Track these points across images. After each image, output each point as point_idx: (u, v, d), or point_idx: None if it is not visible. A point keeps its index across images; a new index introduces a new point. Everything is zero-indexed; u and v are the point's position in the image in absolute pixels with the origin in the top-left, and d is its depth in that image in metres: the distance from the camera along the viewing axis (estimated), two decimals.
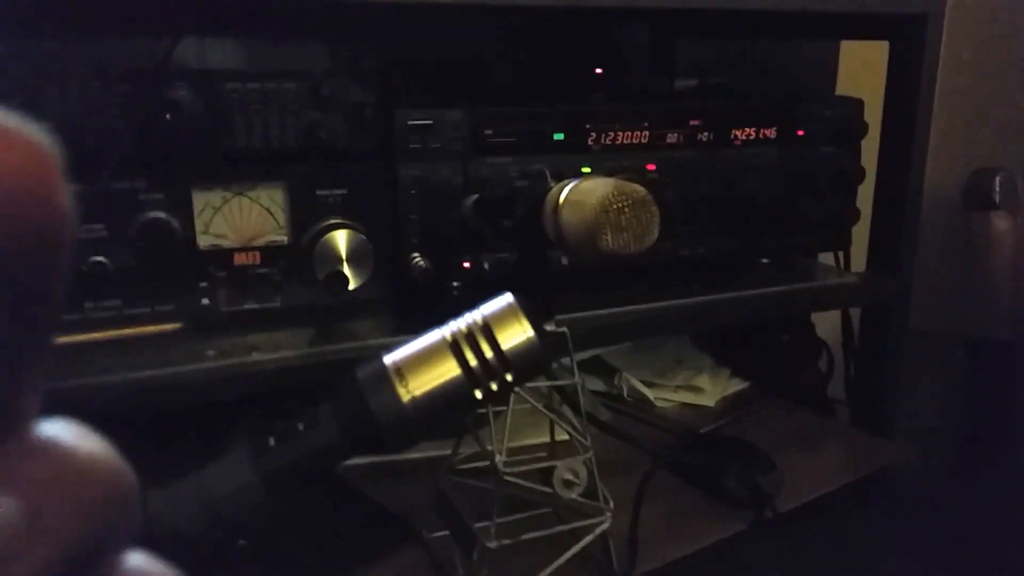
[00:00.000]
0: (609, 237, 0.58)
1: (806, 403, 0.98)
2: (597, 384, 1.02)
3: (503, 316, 0.46)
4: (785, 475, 0.77)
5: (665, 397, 0.99)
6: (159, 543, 0.38)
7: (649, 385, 1.00)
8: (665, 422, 0.93)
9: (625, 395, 1.00)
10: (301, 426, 0.42)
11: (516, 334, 0.45)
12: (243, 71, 0.64)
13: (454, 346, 0.44)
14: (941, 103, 1.09)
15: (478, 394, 0.45)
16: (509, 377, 0.45)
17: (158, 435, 0.63)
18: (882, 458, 0.85)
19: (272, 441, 0.41)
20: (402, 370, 0.43)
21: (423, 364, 0.44)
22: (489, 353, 0.44)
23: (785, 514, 0.73)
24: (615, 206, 0.58)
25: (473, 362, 0.44)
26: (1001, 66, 1.27)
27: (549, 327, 0.63)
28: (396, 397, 0.42)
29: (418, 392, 0.43)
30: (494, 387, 0.45)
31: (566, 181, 0.66)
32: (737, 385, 1.03)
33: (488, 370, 0.45)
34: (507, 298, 0.47)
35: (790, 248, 0.85)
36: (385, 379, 0.43)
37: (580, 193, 0.63)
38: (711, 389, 1.00)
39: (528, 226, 0.68)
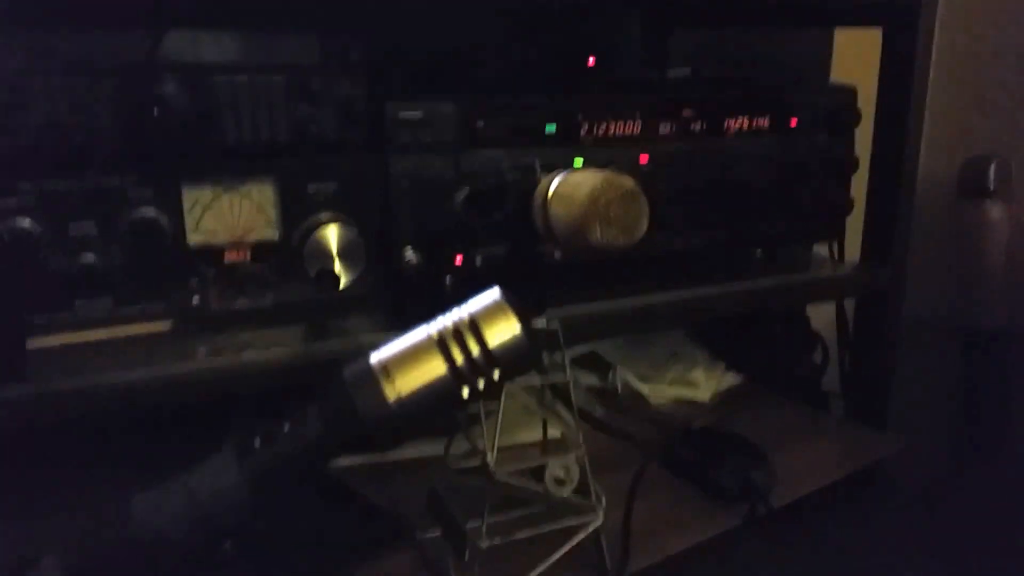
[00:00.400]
0: (598, 230, 0.58)
1: (801, 396, 0.98)
2: (591, 379, 1.01)
3: (490, 312, 0.45)
4: (779, 469, 0.77)
5: (660, 392, 0.99)
6: (143, 545, 0.38)
7: (643, 380, 1.00)
8: (659, 417, 0.93)
9: (619, 390, 0.99)
10: (287, 426, 0.41)
11: (503, 330, 0.45)
12: (231, 64, 0.64)
13: (440, 343, 0.44)
14: (935, 91, 1.09)
15: (465, 392, 0.45)
16: (497, 374, 0.45)
17: (149, 435, 0.63)
18: (877, 450, 0.85)
19: (258, 442, 0.41)
20: (388, 369, 0.43)
21: (409, 362, 0.43)
22: (476, 350, 0.44)
23: (778, 509, 0.73)
24: (604, 199, 0.58)
25: (460, 360, 0.44)
26: (995, 53, 1.26)
27: (540, 322, 0.63)
28: (382, 396, 0.42)
29: (404, 391, 0.42)
30: (481, 385, 0.45)
31: (555, 173, 0.66)
32: (732, 379, 1.03)
33: (475, 368, 0.44)
34: (494, 293, 0.46)
35: (784, 238, 0.85)
36: (371, 378, 0.42)
37: (569, 186, 0.62)
38: (705, 383, 0.99)
39: (518, 220, 0.68)
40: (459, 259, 0.70)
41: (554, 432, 0.70)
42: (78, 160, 0.58)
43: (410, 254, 0.67)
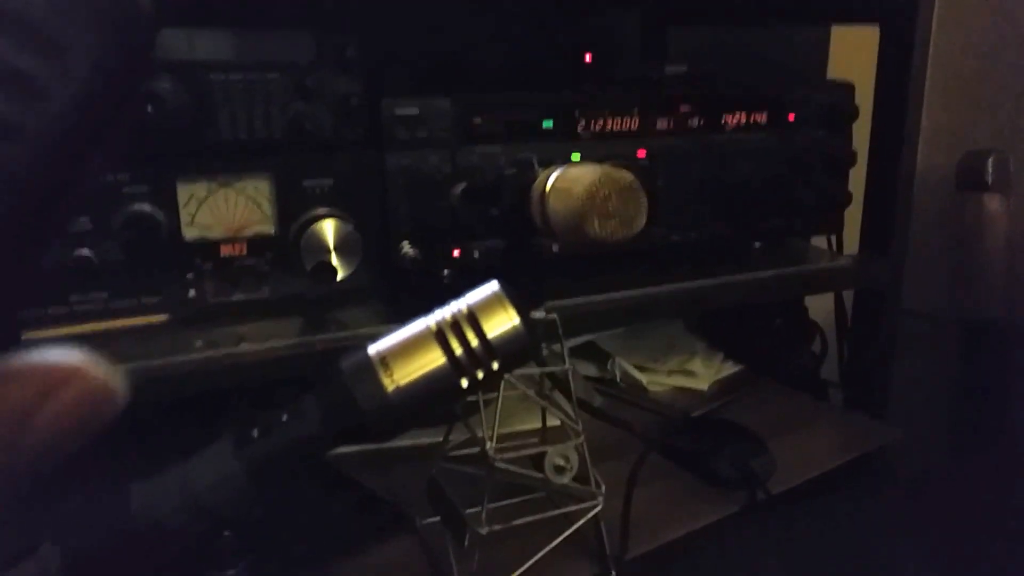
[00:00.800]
0: (596, 224, 0.58)
1: (799, 386, 0.98)
2: (590, 369, 1.02)
3: (488, 304, 0.45)
4: (778, 457, 0.77)
5: (658, 381, 0.99)
6: (142, 535, 0.38)
7: (642, 369, 1.00)
8: (658, 406, 0.93)
9: (618, 380, 1.00)
10: (285, 417, 0.41)
11: (502, 322, 0.45)
12: (227, 62, 0.64)
13: (439, 335, 0.44)
14: (933, 85, 1.09)
15: (464, 383, 0.45)
16: (495, 365, 0.45)
17: (146, 427, 0.63)
18: (875, 440, 0.85)
19: (255, 432, 0.41)
20: (387, 360, 0.43)
21: (408, 353, 0.43)
22: (475, 341, 0.44)
23: (777, 496, 0.73)
24: (601, 193, 0.58)
25: (458, 351, 0.44)
26: (993, 48, 1.26)
27: (539, 314, 0.63)
28: (381, 387, 0.42)
29: (403, 382, 0.42)
30: (480, 375, 0.45)
31: (552, 168, 0.66)
32: (730, 368, 1.03)
33: (474, 358, 0.44)
34: (492, 286, 0.46)
35: (782, 232, 0.85)
36: (369, 369, 0.42)
37: (566, 180, 0.62)
38: (704, 373, 1.00)
39: (516, 214, 0.68)
40: (457, 253, 0.70)
41: (553, 421, 0.70)
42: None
43: (407, 248, 0.67)
